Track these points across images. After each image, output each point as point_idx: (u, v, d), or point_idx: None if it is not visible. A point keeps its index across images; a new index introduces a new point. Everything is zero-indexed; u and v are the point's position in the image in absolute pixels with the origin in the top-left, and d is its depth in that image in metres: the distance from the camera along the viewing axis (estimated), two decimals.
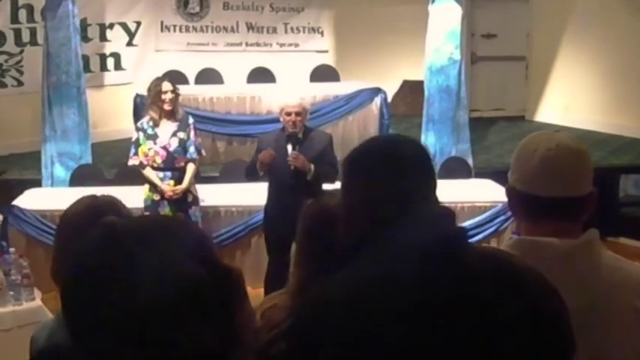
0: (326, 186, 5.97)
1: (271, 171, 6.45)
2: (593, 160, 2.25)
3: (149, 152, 7.04)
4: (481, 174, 8.87)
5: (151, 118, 7.10)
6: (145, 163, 7.04)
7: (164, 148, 7.03)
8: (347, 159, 2.03)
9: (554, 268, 1.98)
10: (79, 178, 8.66)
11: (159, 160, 7.04)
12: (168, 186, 7.00)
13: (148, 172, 7.05)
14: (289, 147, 6.35)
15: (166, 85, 7.00)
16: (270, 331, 2.46)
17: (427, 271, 1.67)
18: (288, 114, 6.38)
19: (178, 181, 7.07)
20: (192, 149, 7.11)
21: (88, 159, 9.17)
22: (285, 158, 6.30)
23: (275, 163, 6.33)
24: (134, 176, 7.55)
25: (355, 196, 1.97)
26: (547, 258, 2.06)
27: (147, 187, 7.14)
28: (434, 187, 1.98)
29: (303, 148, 6.35)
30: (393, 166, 1.92)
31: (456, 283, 1.67)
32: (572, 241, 2.12)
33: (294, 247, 3.23)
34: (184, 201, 7.13)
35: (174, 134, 7.07)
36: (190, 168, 7.10)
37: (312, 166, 6.27)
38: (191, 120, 7.27)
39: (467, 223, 7.60)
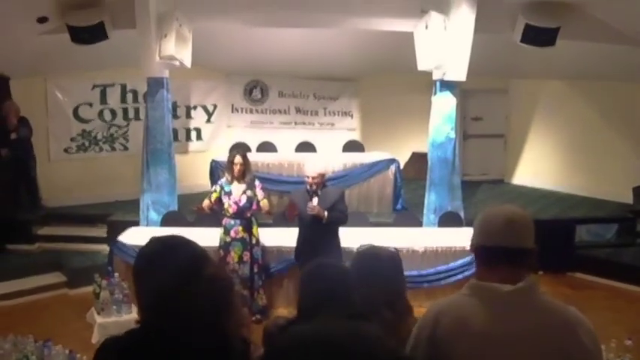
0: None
1: (300, 217, 6.73)
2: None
3: (224, 204, 7.17)
4: (470, 224, 8.71)
5: (227, 179, 7.22)
6: (217, 208, 7.24)
7: (236, 202, 7.14)
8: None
9: (496, 305, 2.18)
10: (167, 220, 8.70)
11: (231, 210, 7.13)
12: (207, 202, 7.19)
13: (206, 203, 7.23)
14: (311, 199, 6.63)
15: (237, 158, 7.18)
16: None
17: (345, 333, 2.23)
18: (309, 178, 6.69)
19: (246, 227, 7.15)
20: (260, 196, 7.23)
21: (174, 206, 9.15)
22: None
23: (302, 212, 6.65)
24: (210, 220, 7.65)
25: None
26: (491, 298, 2.20)
27: (222, 230, 7.19)
28: (347, 298, 2.43)
29: (321, 200, 6.62)
30: (318, 284, 2.47)
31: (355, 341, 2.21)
32: (511, 286, 2.18)
33: None
34: (250, 242, 7.16)
35: (243, 192, 7.17)
36: (264, 203, 7.25)
37: (326, 213, 6.55)
38: (257, 182, 7.35)
39: (459, 262, 7.51)
